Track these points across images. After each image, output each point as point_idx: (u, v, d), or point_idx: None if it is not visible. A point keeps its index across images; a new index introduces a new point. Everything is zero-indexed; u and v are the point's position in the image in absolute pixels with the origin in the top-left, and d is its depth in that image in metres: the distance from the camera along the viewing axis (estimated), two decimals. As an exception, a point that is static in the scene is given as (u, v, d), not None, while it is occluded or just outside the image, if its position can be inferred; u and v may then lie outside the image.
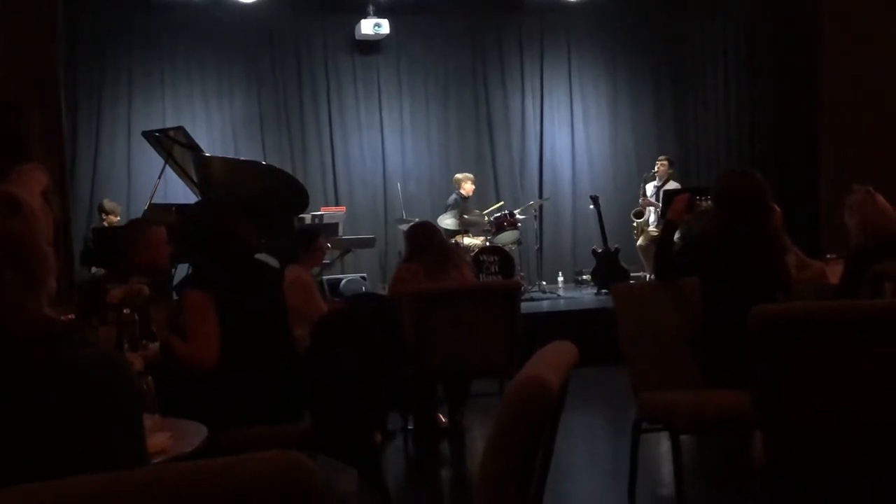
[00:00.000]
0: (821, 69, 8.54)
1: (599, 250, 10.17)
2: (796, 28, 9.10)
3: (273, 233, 6.55)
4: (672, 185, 10.11)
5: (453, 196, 10.11)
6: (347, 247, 9.82)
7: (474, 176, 10.44)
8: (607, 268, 9.97)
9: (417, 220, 8.88)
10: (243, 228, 3.72)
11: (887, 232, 4.42)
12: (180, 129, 7.67)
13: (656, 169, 10.41)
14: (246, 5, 10.31)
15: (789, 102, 9.45)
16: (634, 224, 10.43)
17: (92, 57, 10.46)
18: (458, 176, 10.26)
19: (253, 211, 4.86)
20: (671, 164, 10.45)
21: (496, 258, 9.23)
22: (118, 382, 1.62)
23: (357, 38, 11.25)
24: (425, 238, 5.73)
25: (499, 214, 9.89)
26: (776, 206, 5.50)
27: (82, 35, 10.27)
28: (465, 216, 9.69)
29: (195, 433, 2.32)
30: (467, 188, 10.09)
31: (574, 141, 11.96)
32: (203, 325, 3.41)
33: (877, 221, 4.48)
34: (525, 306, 6.69)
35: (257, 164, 8.78)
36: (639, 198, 10.52)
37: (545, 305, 9.30)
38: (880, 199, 4.57)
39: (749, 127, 10.31)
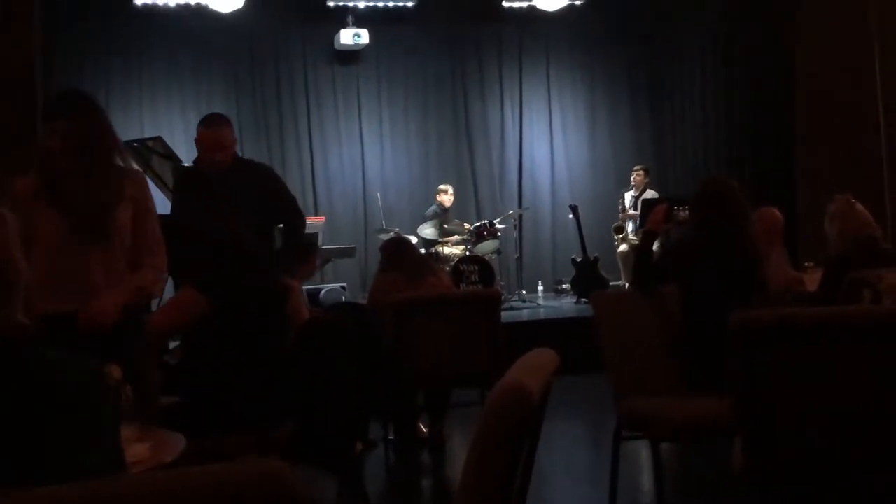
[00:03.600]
0: (796, 77, 8.60)
1: (579, 259, 10.20)
2: (772, 35, 9.17)
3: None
4: (650, 193, 10.17)
5: (432, 207, 10.13)
6: (327, 257, 9.79)
7: (453, 186, 10.45)
8: (587, 276, 10.01)
9: (397, 230, 8.92)
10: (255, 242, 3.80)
11: (866, 239, 4.46)
12: (159, 139, 7.64)
13: (633, 179, 10.46)
14: (225, 15, 10.29)
15: (766, 111, 9.51)
16: (616, 238, 10.48)
17: (69, 67, 10.40)
18: (440, 187, 10.29)
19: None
20: (647, 172, 10.52)
21: (476, 267, 9.24)
22: (95, 391, 1.61)
23: (336, 48, 11.27)
24: (399, 249, 5.81)
25: (479, 224, 9.91)
26: (777, 212, 5.54)
27: (59, 45, 10.21)
28: (445, 226, 9.70)
29: (174, 443, 2.30)
30: (446, 200, 10.11)
31: (553, 150, 12.01)
32: (172, 306, 3.51)
33: (856, 229, 4.52)
34: (505, 315, 6.70)
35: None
36: (618, 209, 10.56)
37: (525, 314, 9.32)
38: (860, 207, 4.61)
39: (726, 134, 10.38)
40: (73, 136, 3.12)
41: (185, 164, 7.66)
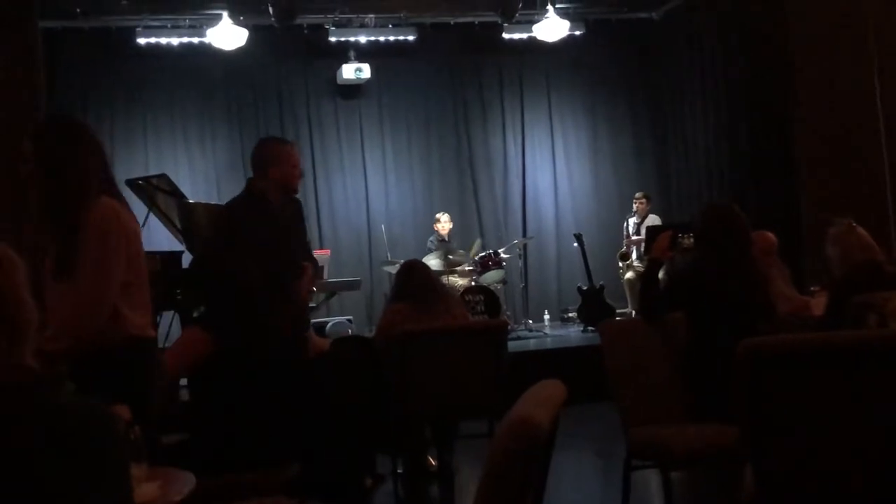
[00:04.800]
0: (798, 101, 8.63)
1: (584, 287, 10.19)
2: (773, 59, 9.21)
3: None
4: (652, 219, 10.18)
5: (430, 238, 10.16)
6: (333, 290, 9.78)
7: (457, 216, 10.49)
8: (593, 305, 9.99)
9: (403, 261, 8.91)
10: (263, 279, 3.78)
11: (867, 263, 4.46)
12: (163, 176, 7.65)
13: (635, 207, 10.48)
14: (228, 52, 10.36)
15: (767, 135, 9.54)
16: (621, 265, 10.48)
17: (73, 105, 10.48)
18: (436, 216, 10.34)
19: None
20: (649, 199, 10.54)
21: (482, 297, 9.24)
22: (104, 432, 1.61)
23: (339, 82, 11.34)
24: (408, 276, 5.73)
25: (483, 254, 9.92)
26: (771, 235, 5.54)
27: (62, 82, 10.31)
28: (450, 256, 9.71)
29: (184, 482, 2.30)
30: (442, 228, 10.14)
31: (556, 178, 12.03)
32: (178, 349, 3.48)
33: (857, 253, 4.52)
34: (512, 345, 6.69)
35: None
36: (622, 237, 10.56)
37: (532, 344, 9.29)
38: (861, 230, 4.61)
39: (728, 160, 10.40)
40: (37, 159, 2.99)
41: (190, 201, 7.70)
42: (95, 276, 2.92)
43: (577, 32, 11.32)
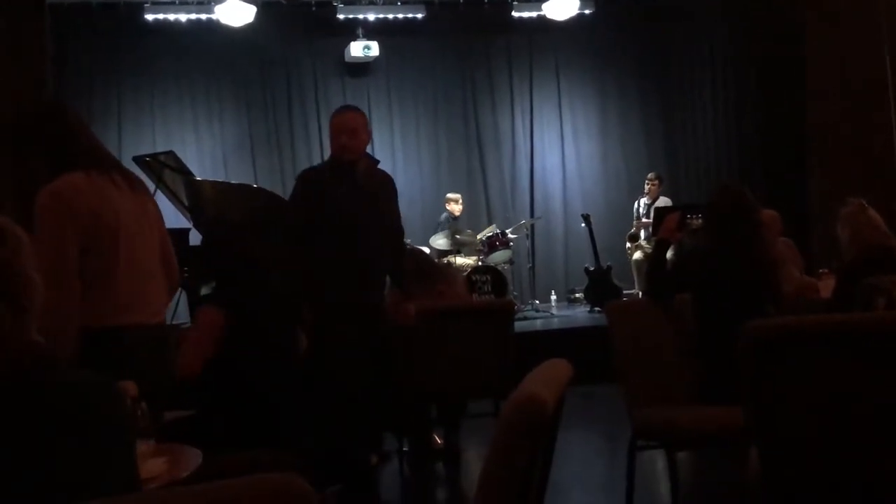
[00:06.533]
0: (807, 82, 8.59)
1: (592, 268, 10.18)
2: (783, 41, 9.16)
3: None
4: (662, 201, 10.15)
5: (444, 215, 10.15)
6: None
7: (465, 196, 10.47)
8: (600, 286, 9.98)
9: (409, 241, 8.90)
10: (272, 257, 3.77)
11: (878, 245, 4.44)
12: (171, 153, 7.65)
13: (647, 188, 10.44)
14: (235, 29, 10.33)
15: (777, 117, 9.49)
16: (629, 246, 10.45)
17: (81, 82, 10.47)
18: (449, 195, 10.32)
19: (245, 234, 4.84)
20: (661, 181, 10.49)
21: (489, 277, 9.24)
22: (109, 408, 1.61)
23: (347, 60, 11.31)
24: (410, 261, 5.75)
25: (491, 234, 9.91)
26: (776, 213, 5.52)
27: (71, 61, 10.29)
28: (458, 236, 9.70)
29: (190, 458, 2.30)
30: (455, 209, 10.13)
31: (564, 159, 12.00)
32: (198, 339, 3.45)
33: (868, 234, 4.50)
34: (518, 325, 6.69)
35: (248, 187, 8.76)
36: (632, 218, 10.53)
37: (538, 324, 9.30)
38: (872, 212, 4.59)
39: (738, 142, 10.36)
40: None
41: (197, 178, 7.70)
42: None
43: (587, 11, 11.27)
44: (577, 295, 10.88)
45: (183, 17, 10.64)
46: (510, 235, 9.95)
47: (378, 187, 4.52)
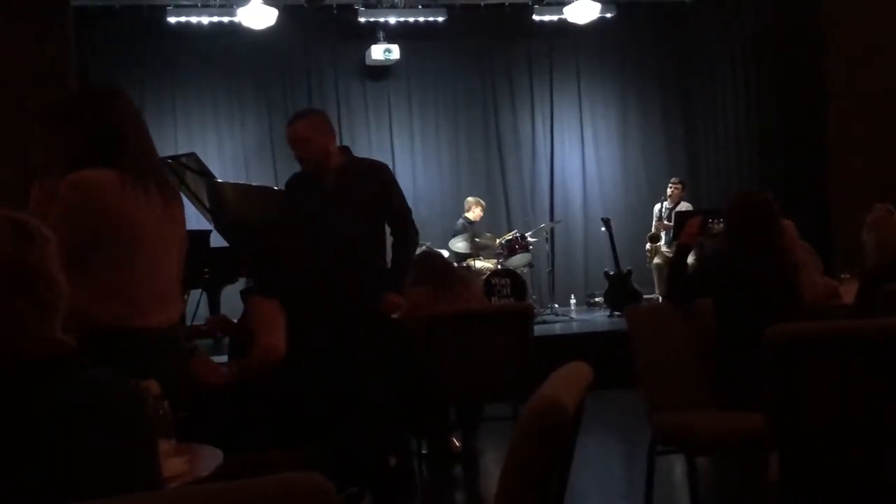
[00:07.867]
0: (828, 87, 8.54)
1: (611, 272, 10.14)
2: (803, 46, 9.11)
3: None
4: (684, 205, 10.11)
5: (460, 221, 10.15)
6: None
7: (485, 199, 10.47)
8: (619, 290, 9.94)
9: (429, 244, 8.91)
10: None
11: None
12: (192, 155, 7.69)
13: (669, 192, 10.39)
14: (257, 32, 10.38)
15: (798, 123, 9.43)
16: (648, 247, 10.41)
17: (103, 84, 10.53)
18: (469, 199, 10.32)
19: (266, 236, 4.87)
20: (684, 186, 10.46)
21: (508, 281, 9.22)
22: (133, 406, 1.63)
23: (367, 63, 11.34)
24: (425, 263, 5.77)
25: (510, 237, 9.91)
26: (790, 222, 5.49)
27: (93, 63, 10.35)
28: (477, 239, 9.70)
29: (211, 457, 2.31)
30: (475, 213, 10.14)
31: (585, 163, 11.98)
32: (278, 320, 3.50)
33: (893, 240, 4.47)
34: (538, 329, 6.66)
35: (270, 189, 8.79)
36: (653, 221, 10.50)
37: (558, 328, 9.28)
38: (899, 218, 4.56)
39: (758, 147, 10.30)
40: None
41: (219, 180, 7.73)
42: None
43: (609, 15, 11.25)
44: (597, 299, 10.85)
45: (205, 20, 10.69)
46: (530, 239, 9.94)
47: (357, 180, 4.50)
